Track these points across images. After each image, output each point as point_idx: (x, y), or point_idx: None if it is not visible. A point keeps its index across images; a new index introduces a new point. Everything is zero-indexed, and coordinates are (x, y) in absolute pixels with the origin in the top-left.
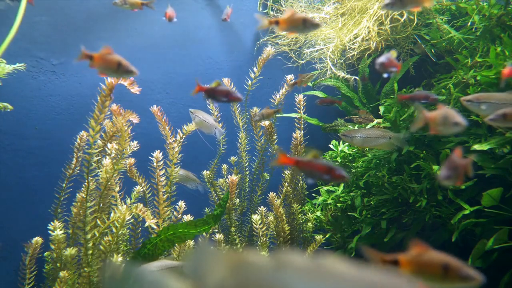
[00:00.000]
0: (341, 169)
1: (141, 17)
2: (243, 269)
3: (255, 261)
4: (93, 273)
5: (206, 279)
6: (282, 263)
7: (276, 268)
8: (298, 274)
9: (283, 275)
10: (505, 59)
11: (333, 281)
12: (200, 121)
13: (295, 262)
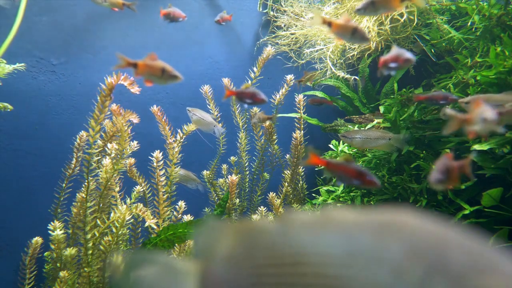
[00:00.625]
0: (372, 175)
1: (141, 17)
2: (250, 236)
3: (262, 226)
4: (93, 273)
5: (214, 253)
6: (288, 223)
7: (283, 229)
8: (304, 230)
9: (290, 234)
10: (505, 59)
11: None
12: (198, 119)
13: (300, 219)
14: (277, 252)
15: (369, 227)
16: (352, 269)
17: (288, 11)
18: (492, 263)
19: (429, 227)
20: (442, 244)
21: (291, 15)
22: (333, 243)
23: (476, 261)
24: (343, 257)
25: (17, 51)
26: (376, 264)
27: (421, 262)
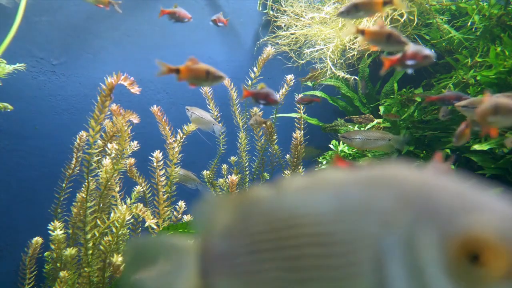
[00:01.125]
0: None
1: (141, 17)
2: (246, 207)
3: (257, 195)
4: (93, 273)
5: (213, 228)
6: (282, 188)
7: (277, 195)
8: (297, 192)
9: (283, 199)
10: (505, 59)
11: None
12: (196, 118)
13: (293, 184)
14: (271, 218)
15: (358, 182)
16: (343, 224)
17: (288, 11)
18: (480, 202)
19: (416, 176)
20: (429, 189)
21: (291, 15)
22: (324, 201)
23: (464, 202)
24: (334, 213)
25: (17, 51)
26: (365, 217)
27: (409, 209)
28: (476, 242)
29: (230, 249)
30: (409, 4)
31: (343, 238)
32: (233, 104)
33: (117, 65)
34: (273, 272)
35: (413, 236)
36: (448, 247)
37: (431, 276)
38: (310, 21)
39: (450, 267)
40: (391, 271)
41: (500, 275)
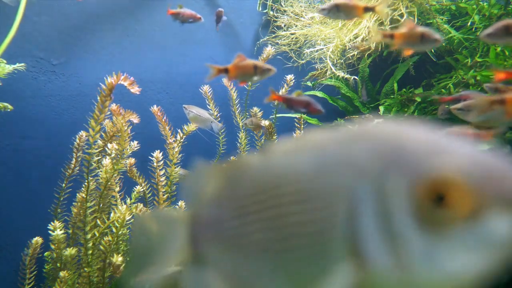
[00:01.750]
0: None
1: (141, 17)
2: (235, 173)
3: (245, 161)
4: (93, 273)
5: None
6: (269, 152)
7: (263, 159)
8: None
9: (269, 162)
10: (505, 59)
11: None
12: (194, 116)
13: (280, 147)
14: (257, 182)
15: (336, 140)
16: (320, 179)
17: (288, 11)
18: (447, 147)
19: (390, 128)
20: (400, 139)
21: (291, 15)
22: (304, 160)
23: (432, 147)
24: (313, 170)
25: (17, 51)
26: (340, 171)
27: (380, 159)
28: (440, 183)
29: (218, 215)
30: (409, 4)
31: (321, 193)
32: (233, 104)
33: (117, 65)
34: (258, 233)
35: (383, 184)
36: (414, 191)
37: (400, 221)
38: (310, 21)
39: (417, 211)
40: (363, 220)
41: (464, 214)
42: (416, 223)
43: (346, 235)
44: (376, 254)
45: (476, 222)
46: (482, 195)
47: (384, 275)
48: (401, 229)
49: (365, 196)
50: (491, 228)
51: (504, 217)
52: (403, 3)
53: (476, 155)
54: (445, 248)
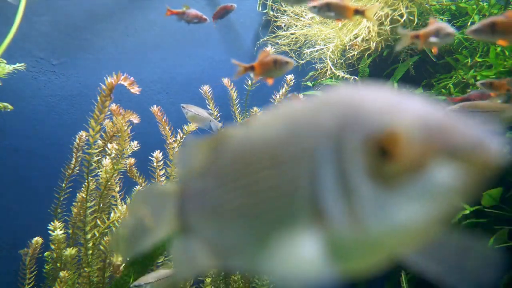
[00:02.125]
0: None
1: (141, 17)
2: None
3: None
4: (93, 273)
5: (190, 168)
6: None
7: (244, 130)
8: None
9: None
10: (505, 59)
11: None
12: (193, 115)
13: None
14: (236, 152)
15: (306, 107)
16: (289, 144)
17: (288, 11)
18: (399, 105)
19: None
20: (359, 100)
21: (291, 15)
22: (276, 128)
23: (385, 106)
24: (283, 136)
25: (17, 51)
26: (306, 135)
27: (338, 120)
28: (387, 138)
29: (202, 187)
30: (409, 4)
31: (288, 158)
32: (233, 104)
33: (117, 65)
34: (236, 201)
35: (340, 143)
36: (365, 147)
37: (354, 178)
38: (310, 21)
39: (369, 167)
40: (324, 180)
41: (410, 167)
42: (368, 178)
43: (309, 195)
44: (334, 212)
45: (421, 174)
46: (426, 147)
47: (342, 232)
48: (356, 185)
49: (326, 157)
50: (435, 179)
51: (446, 167)
52: (403, 3)
53: (424, 111)
54: (394, 201)
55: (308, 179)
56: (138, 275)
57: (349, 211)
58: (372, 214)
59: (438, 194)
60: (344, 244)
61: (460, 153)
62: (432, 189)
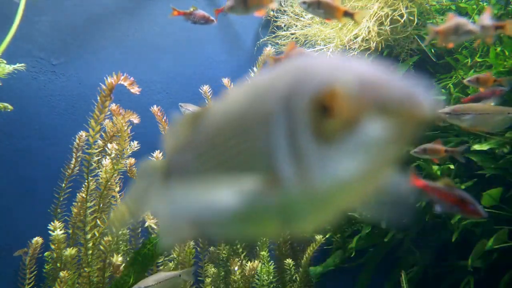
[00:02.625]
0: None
1: (141, 17)
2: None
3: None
4: (93, 273)
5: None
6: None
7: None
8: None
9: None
10: (505, 59)
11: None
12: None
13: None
14: (211, 125)
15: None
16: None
17: (288, 11)
18: (343, 67)
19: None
20: (308, 65)
21: (291, 15)
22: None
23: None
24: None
25: (17, 51)
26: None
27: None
28: (326, 96)
29: (184, 159)
30: (409, 4)
31: (250, 123)
32: None
33: (117, 65)
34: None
35: (290, 106)
36: (310, 107)
37: (301, 136)
38: (310, 21)
39: (312, 124)
40: (277, 142)
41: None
42: (313, 136)
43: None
44: (286, 171)
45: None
46: (360, 103)
47: (293, 190)
48: (302, 144)
49: (278, 119)
50: (369, 132)
51: (379, 121)
52: (403, 3)
53: (361, 70)
54: (335, 156)
55: (265, 142)
56: (138, 275)
57: (298, 169)
58: (317, 171)
59: (373, 146)
60: (296, 202)
61: (391, 107)
62: (368, 142)
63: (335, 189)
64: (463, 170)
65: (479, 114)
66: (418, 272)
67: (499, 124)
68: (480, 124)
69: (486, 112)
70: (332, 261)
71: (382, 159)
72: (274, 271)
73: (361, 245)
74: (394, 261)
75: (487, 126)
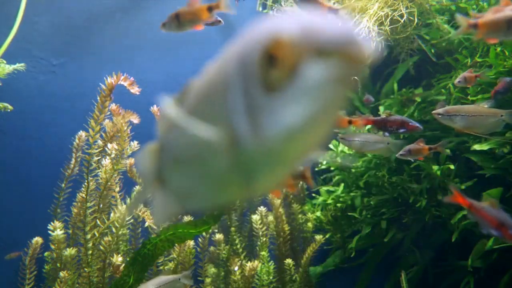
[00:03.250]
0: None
1: (141, 17)
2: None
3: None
4: (93, 273)
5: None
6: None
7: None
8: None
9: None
10: (505, 59)
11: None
12: None
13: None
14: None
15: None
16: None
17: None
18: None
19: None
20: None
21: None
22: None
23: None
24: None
25: (17, 51)
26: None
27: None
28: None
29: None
30: (409, 4)
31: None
32: None
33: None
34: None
35: (245, 64)
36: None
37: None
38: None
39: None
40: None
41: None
42: (262, 88)
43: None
44: (241, 126)
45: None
46: (300, 49)
47: (248, 144)
48: (254, 96)
49: (236, 79)
50: (311, 76)
51: (319, 63)
52: (403, 3)
53: (305, 18)
54: (282, 104)
55: (225, 103)
56: (138, 275)
57: (252, 123)
58: (268, 121)
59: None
60: (254, 157)
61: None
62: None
63: (286, 137)
64: (463, 170)
65: (471, 115)
66: (418, 272)
67: (492, 126)
68: (472, 126)
69: (478, 114)
70: (332, 261)
71: (328, 102)
72: (274, 271)
73: (361, 245)
74: (394, 261)
75: (480, 128)
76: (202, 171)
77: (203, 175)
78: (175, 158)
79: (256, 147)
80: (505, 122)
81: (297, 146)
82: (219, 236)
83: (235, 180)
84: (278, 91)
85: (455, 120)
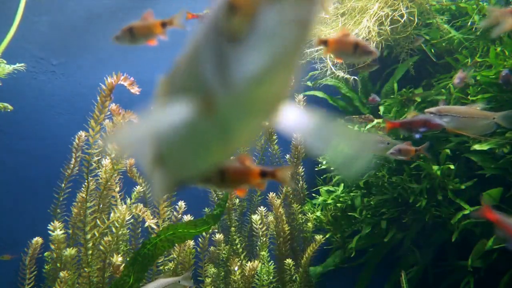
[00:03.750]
0: None
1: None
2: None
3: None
4: (93, 273)
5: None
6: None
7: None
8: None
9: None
10: (505, 59)
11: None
12: None
13: None
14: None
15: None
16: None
17: None
18: None
19: None
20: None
21: None
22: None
23: None
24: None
25: (17, 51)
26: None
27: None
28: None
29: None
30: (409, 4)
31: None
32: None
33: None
34: None
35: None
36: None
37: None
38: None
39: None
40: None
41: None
42: (228, 39)
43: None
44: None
45: (258, 20)
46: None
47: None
48: (221, 49)
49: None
50: (268, 21)
51: (274, 8)
52: (403, 3)
53: None
54: (245, 53)
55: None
56: (138, 275)
57: (222, 77)
58: (236, 71)
59: (276, 32)
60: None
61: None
62: (271, 29)
63: (253, 83)
64: (463, 170)
65: (462, 117)
66: (418, 272)
67: (483, 128)
68: (463, 127)
69: (470, 115)
70: (332, 261)
71: (288, 44)
72: (274, 271)
73: (361, 245)
74: (394, 261)
75: (471, 129)
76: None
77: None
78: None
79: (228, 99)
80: (497, 124)
81: (265, 92)
82: (219, 236)
83: (216, 139)
84: (241, 40)
85: (445, 120)
